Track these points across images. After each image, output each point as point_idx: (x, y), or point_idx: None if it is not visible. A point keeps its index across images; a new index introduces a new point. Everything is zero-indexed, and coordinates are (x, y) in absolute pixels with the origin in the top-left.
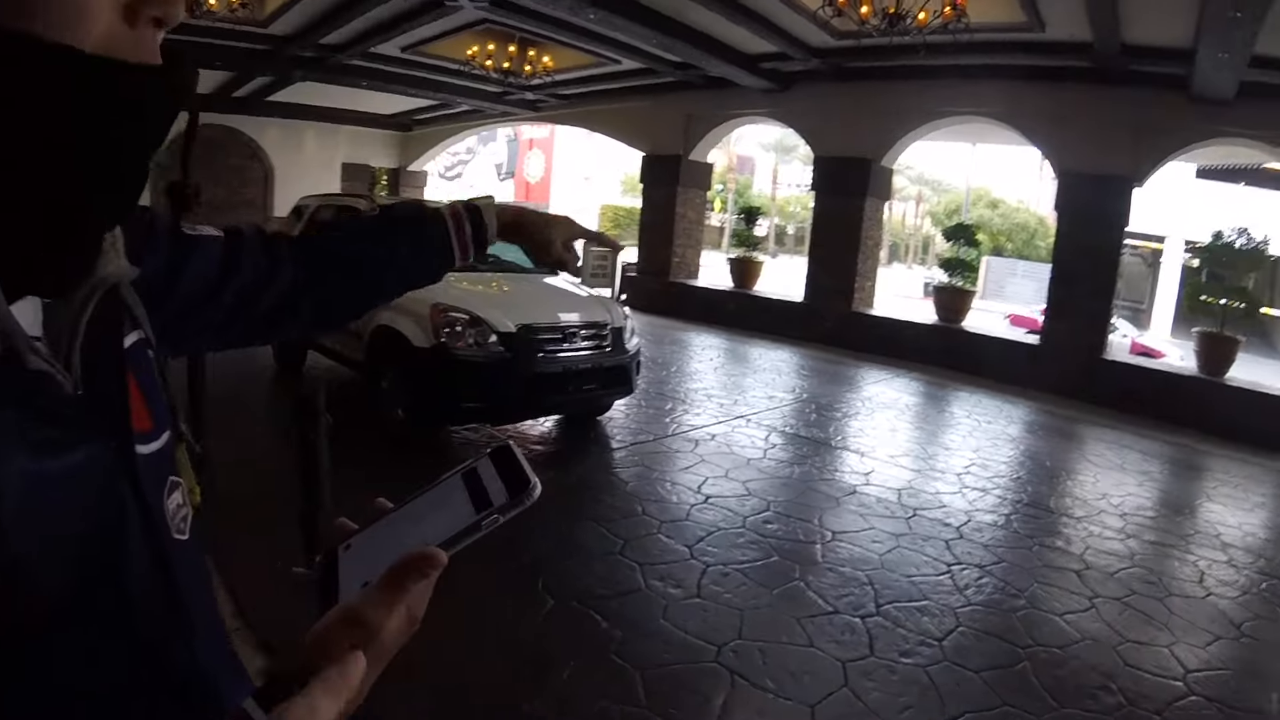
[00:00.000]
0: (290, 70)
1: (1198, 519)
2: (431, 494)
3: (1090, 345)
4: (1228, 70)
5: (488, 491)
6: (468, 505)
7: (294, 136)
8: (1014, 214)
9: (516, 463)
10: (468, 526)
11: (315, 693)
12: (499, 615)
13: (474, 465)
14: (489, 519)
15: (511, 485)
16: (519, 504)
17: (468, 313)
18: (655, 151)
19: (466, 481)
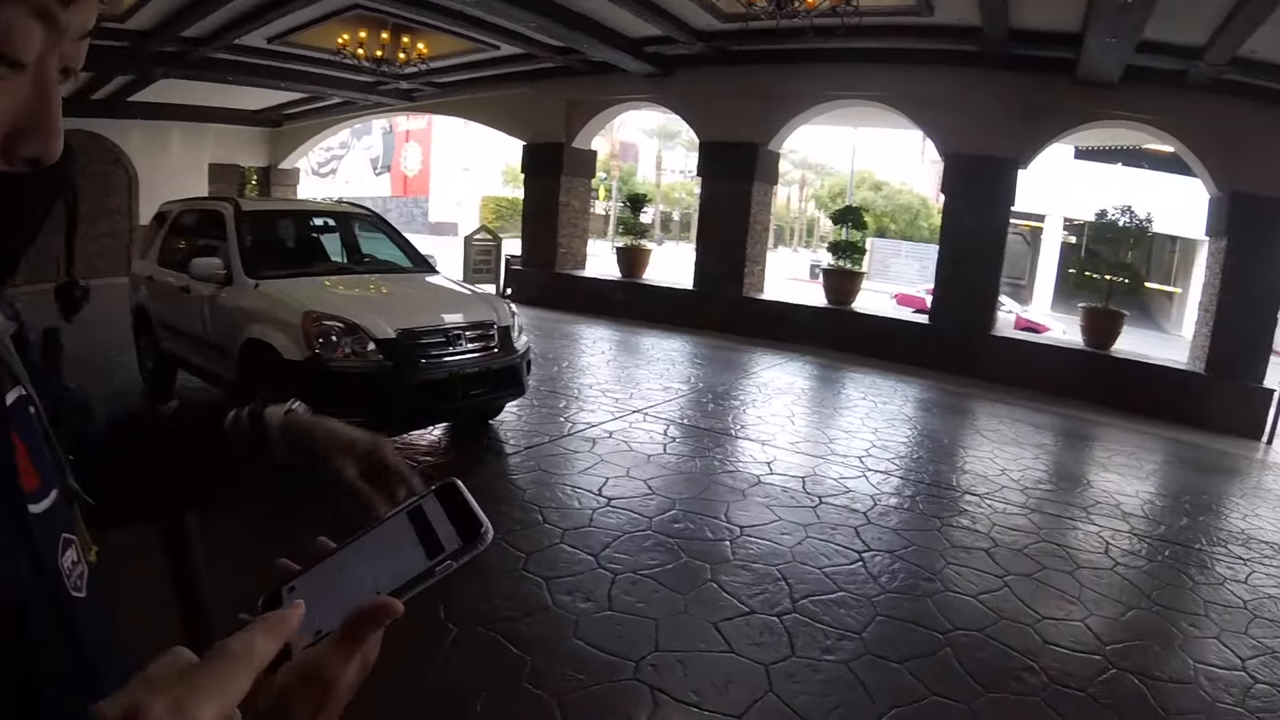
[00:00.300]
0: (151, 68)
1: (1096, 489)
2: (377, 533)
3: (979, 322)
4: (1115, 54)
5: (437, 534)
6: (418, 549)
7: (159, 139)
8: (897, 196)
9: (464, 502)
10: (421, 573)
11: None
12: (399, 650)
13: (419, 503)
14: (442, 565)
15: (462, 527)
16: (471, 549)
17: (343, 320)
18: (536, 140)
19: (413, 521)
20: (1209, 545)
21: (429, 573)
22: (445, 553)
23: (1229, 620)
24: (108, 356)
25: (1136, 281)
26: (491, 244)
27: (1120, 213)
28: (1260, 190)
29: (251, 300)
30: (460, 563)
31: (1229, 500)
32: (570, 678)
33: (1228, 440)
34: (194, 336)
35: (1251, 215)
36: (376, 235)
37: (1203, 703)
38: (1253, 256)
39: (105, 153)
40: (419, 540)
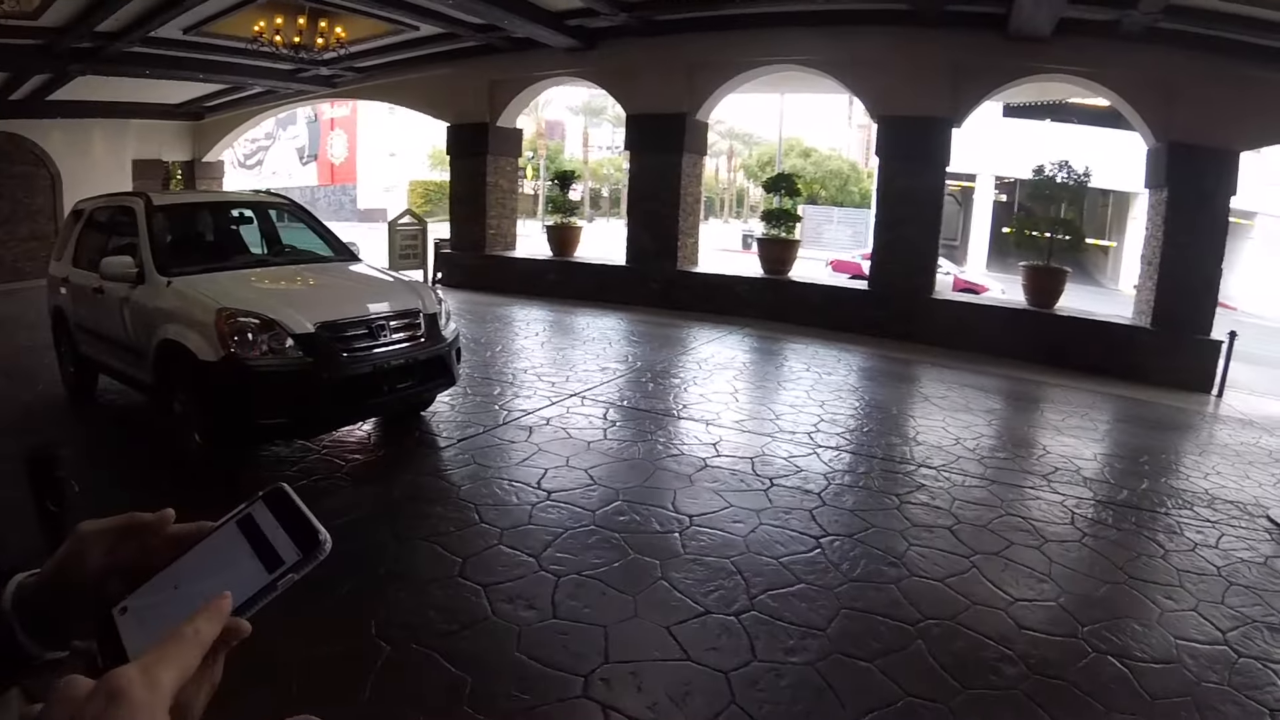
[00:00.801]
0: (67, 65)
1: (1054, 455)
2: (208, 546)
3: (919, 286)
4: (1047, 7)
5: (273, 546)
6: (255, 563)
7: (80, 137)
8: (826, 162)
9: (296, 508)
10: (263, 588)
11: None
12: (321, 674)
13: (248, 511)
14: (284, 578)
15: (298, 537)
16: (312, 559)
17: (258, 316)
18: (461, 120)
19: (244, 530)
20: (1175, 509)
21: (270, 587)
22: (285, 565)
23: (1205, 589)
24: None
25: (1077, 237)
26: (418, 229)
27: (1058, 168)
28: (1199, 140)
29: (164, 299)
30: (301, 574)
31: (1187, 459)
32: (514, 698)
33: (1177, 395)
34: (111, 339)
35: (1191, 166)
36: (296, 225)
37: (1187, 683)
38: (1194, 207)
39: (26, 154)
40: (254, 552)
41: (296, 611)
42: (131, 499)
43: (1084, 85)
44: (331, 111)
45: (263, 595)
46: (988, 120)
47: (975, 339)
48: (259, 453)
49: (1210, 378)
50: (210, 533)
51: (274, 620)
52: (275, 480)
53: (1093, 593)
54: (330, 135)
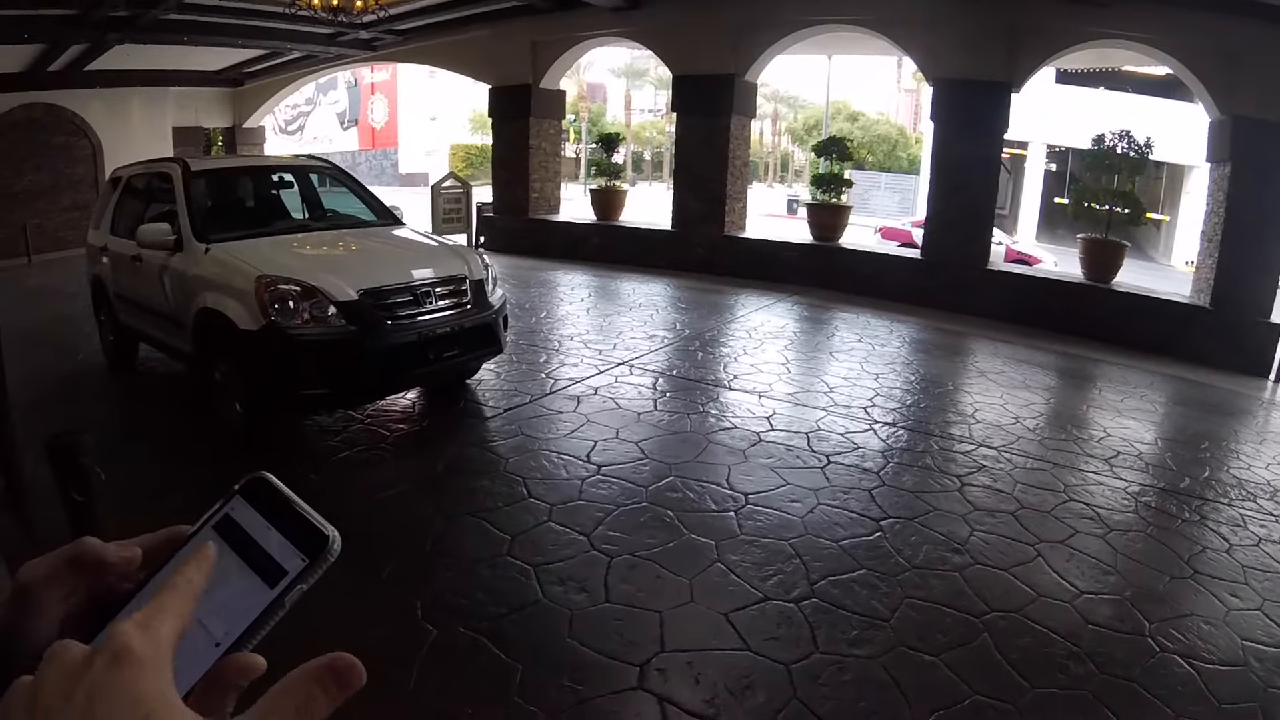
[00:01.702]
0: (104, 34)
1: (1114, 438)
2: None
3: (973, 256)
4: None
5: (267, 552)
6: (248, 576)
7: (120, 106)
8: (873, 126)
9: (285, 502)
10: (267, 608)
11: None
12: (365, 660)
13: (224, 510)
14: (291, 593)
15: (296, 537)
16: (320, 565)
17: (299, 283)
18: (502, 82)
19: (226, 535)
20: (1239, 500)
21: (276, 605)
22: (289, 575)
23: (1270, 588)
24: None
25: (1137, 211)
26: (461, 192)
27: (1118, 138)
28: (1266, 114)
29: (203, 266)
30: (311, 584)
31: (1248, 447)
32: (566, 689)
33: (1235, 379)
34: (150, 308)
35: (1256, 140)
36: (338, 189)
37: (1254, 689)
38: (1259, 184)
39: (66, 124)
40: (244, 562)
41: (338, 592)
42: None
43: (1145, 52)
44: (371, 76)
45: (268, 617)
46: (1040, 87)
47: (1029, 313)
48: (301, 423)
49: (1269, 362)
50: (184, 543)
51: (315, 601)
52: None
53: (1158, 587)
54: (371, 100)
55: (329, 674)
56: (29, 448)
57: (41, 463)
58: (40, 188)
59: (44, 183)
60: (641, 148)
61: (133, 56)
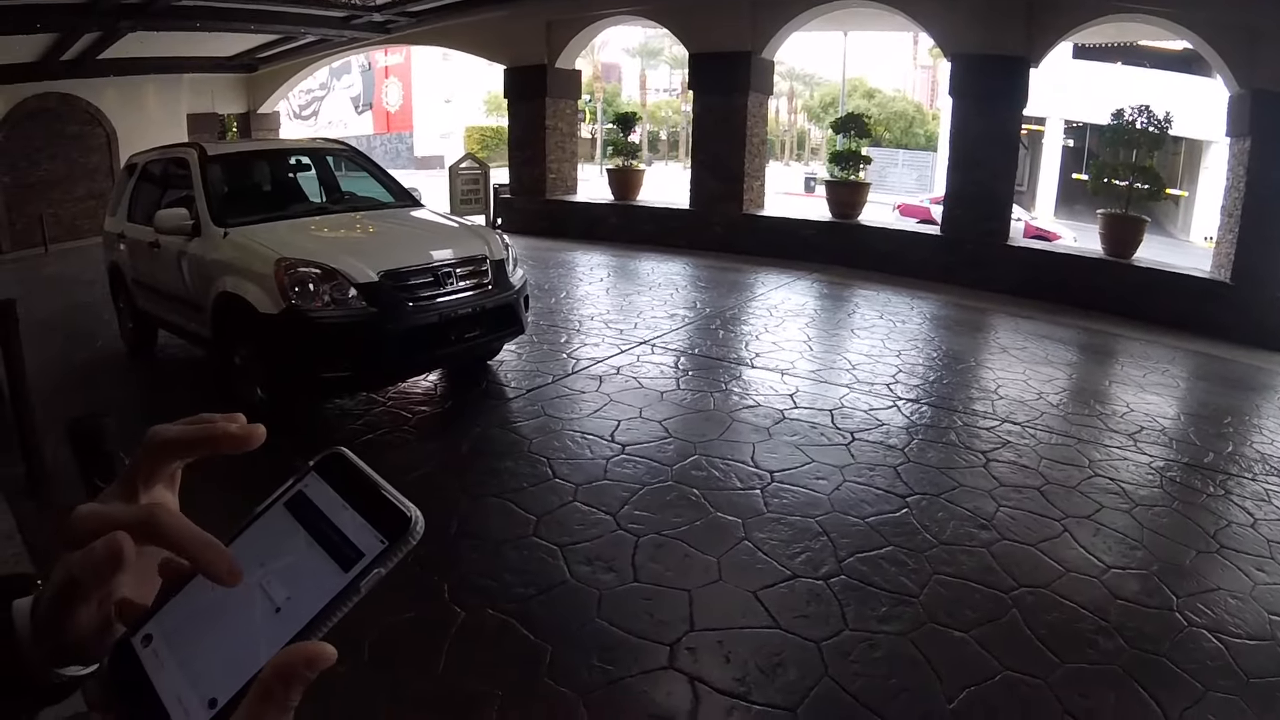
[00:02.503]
0: (116, 22)
1: (1137, 412)
2: (249, 541)
3: (992, 232)
4: None
5: (343, 532)
6: (321, 558)
7: (134, 94)
8: (890, 103)
9: (364, 479)
10: (340, 593)
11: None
12: (394, 642)
13: (298, 487)
14: (368, 578)
15: (375, 517)
16: (400, 548)
17: (320, 265)
18: (518, 63)
19: (297, 513)
20: (1263, 475)
21: (350, 590)
22: (366, 558)
23: None
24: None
25: (1157, 186)
26: (479, 172)
27: (1137, 113)
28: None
29: (221, 251)
30: (389, 569)
31: (1271, 422)
32: (596, 669)
33: (1256, 354)
34: (168, 294)
35: (1277, 114)
36: (355, 171)
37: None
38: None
39: (80, 113)
40: (316, 542)
41: None
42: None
43: (1164, 26)
44: (385, 59)
45: (341, 604)
46: (1058, 62)
47: (1051, 288)
48: (323, 407)
49: None
50: (251, 522)
51: None
52: (336, 439)
53: (1184, 561)
54: (385, 83)
55: (302, 663)
56: (49, 434)
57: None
58: (56, 177)
59: (59, 172)
60: (657, 127)
61: (146, 44)
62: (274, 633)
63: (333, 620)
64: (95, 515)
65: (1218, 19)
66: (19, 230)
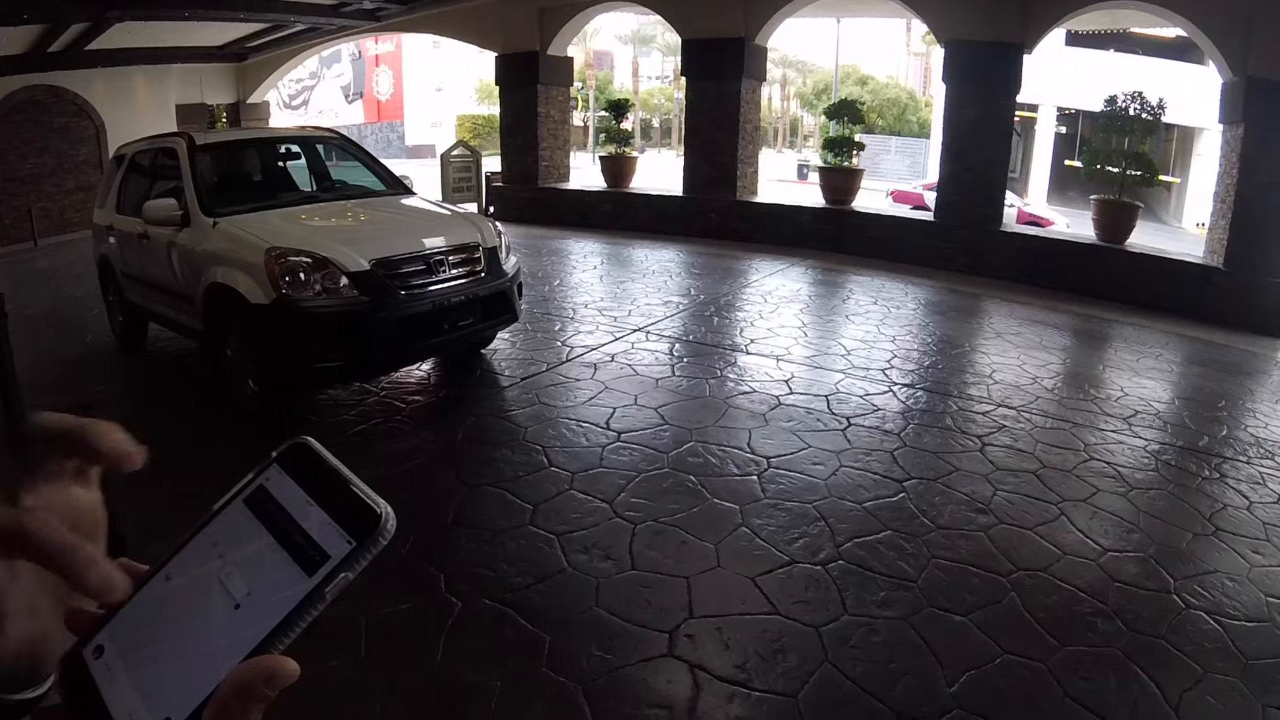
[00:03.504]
0: (104, 11)
1: (1132, 397)
2: (205, 540)
3: (986, 218)
4: None
5: (307, 532)
6: (283, 561)
7: (122, 85)
8: (883, 90)
9: (331, 472)
10: (303, 601)
11: None
12: (390, 634)
13: (259, 481)
14: (334, 583)
15: (342, 515)
16: (369, 549)
17: (310, 254)
18: (510, 50)
19: (258, 511)
20: (1257, 458)
21: (314, 597)
22: (332, 561)
23: None
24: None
25: (1150, 172)
26: (470, 160)
27: (1130, 100)
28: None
29: (211, 241)
30: (358, 572)
31: (1265, 406)
32: (596, 658)
33: (1249, 338)
34: (158, 285)
35: (1270, 101)
36: (345, 159)
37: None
38: (1272, 145)
39: (68, 105)
40: (279, 544)
41: None
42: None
43: (1157, 13)
44: (376, 48)
45: (304, 612)
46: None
47: (1044, 274)
48: (316, 398)
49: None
50: (209, 520)
51: None
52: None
53: (1181, 544)
54: (375, 72)
55: (262, 679)
56: None
57: None
58: (44, 170)
59: (48, 165)
60: (650, 115)
61: (134, 34)
62: (233, 636)
63: (296, 630)
64: None
65: (1211, 5)
66: (8, 225)
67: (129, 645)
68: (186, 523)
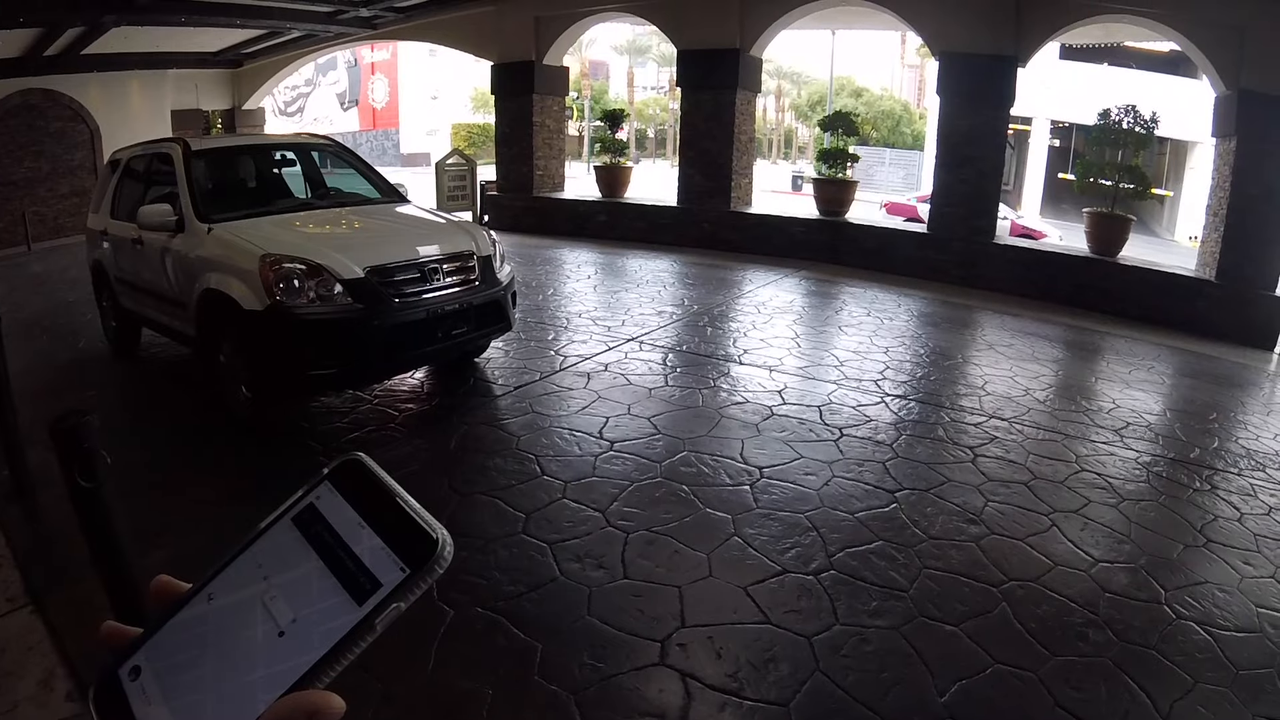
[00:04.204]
0: (100, 16)
1: (1123, 409)
2: (249, 561)
3: (979, 231)
4: None
5: (357, 556)
6: (330, 583)
7: (118, 90)
8: (878, 102)
9: (384, 492)
10: (352, 631)
11: None
12: (381, 643)
13: (310, 500)
14: (385, 614)
15: (394, 536)
16: (425, 577)
17: (304, 261)
18: (505, 59)
19: (306, 531)
20: (1248, 470)
21: (364, 628)
22: (383, 589)
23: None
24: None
25: (1143, 185)
26: (465, 169)
27: (1124, 113)
28: (1271, 89)
29: (205, 247)
30: (410, 602)
31: (1256, 418)
32: (588, 667)
33: (1241, 351)
34: (152, 291)
35: (1262, 115)
36: (340, 166)
37: (1270, 654)
38: (1265, 158)
39: (63, 109)
40: (329, 568)
41: None
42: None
43: (1150, 27)
44: (372, 55)
45: (351, 644)
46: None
47: (1037, 286)
48: (309, 405)
49: (1275, 334)
50: (255, 539)
51: None
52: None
53: (1172, 555)
54: (371, 80)
55: (304, 716)
56: (33, 437)
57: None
58: (39, 175)
59: (43, 170)
60: (645, 125)
61: (130, 39)
62: (275, 665)
63: (341, 664)
64: None
65: (1204, 19)
66: (1, 229)
67: (166, 668)
68: (183, 528)
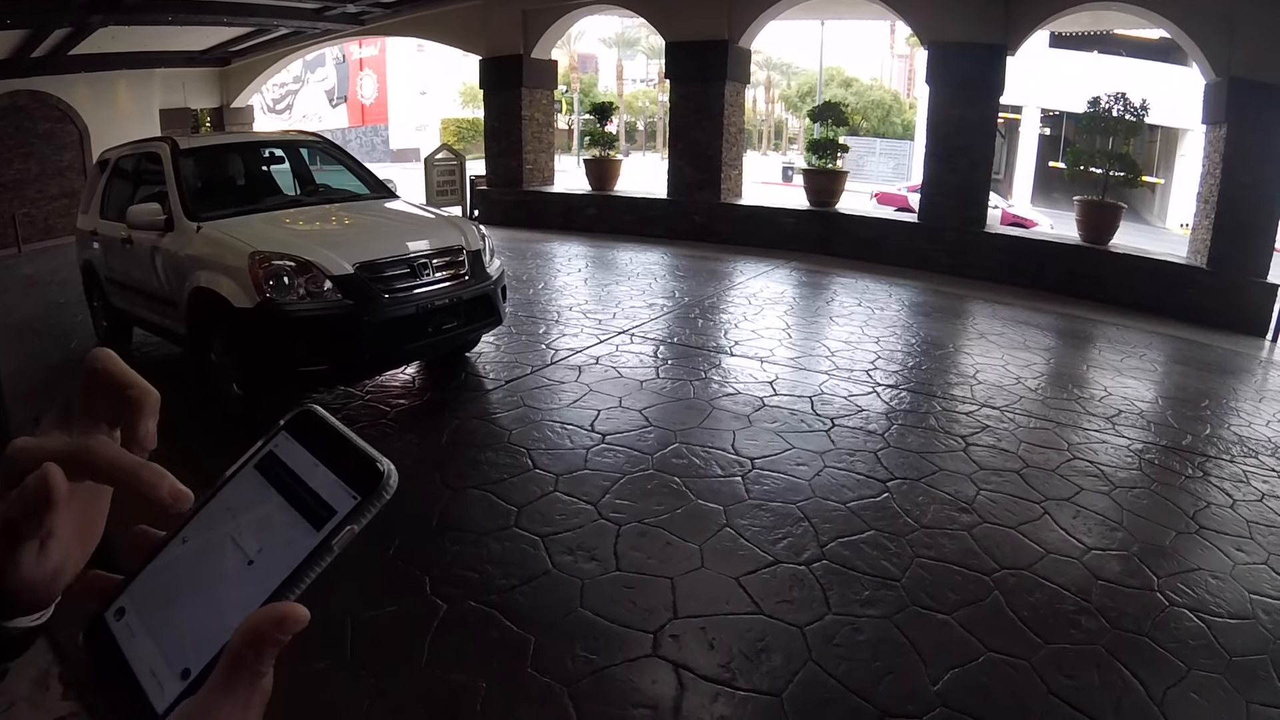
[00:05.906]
0: (87, 16)
1: (1115, 396)
2: (219, 505)
3: (970, 220)
4: None
5: (314, 490)
6: (293, 518)
7: (106, 90)
8: (868, 92)
9: (336, 435)
10: (313, 552)
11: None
12: (375, 636)
13: (269, 447)
14: (340, 535)
15: (347, 473)
16: (373, 503)
17: (294, 258)
18: (494, 53)
19: (269, 475)
20: (1240, 456)
21: (323, 549)
22: (338, 515)
23: (1274, 543)
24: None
25: (1133, 173)
26: (454, 163)
27: (1114, 101)
28: (1261, 76)
29: (195, 245)
30: (363, 525)
31: (1248, 405)
32: (581, 659)
33: (1232, 338)
34: (142, 290)
35: (1252, 102)
36: (329, 162)
37: (1263, 640)
38: (1255, 145)
39: (51, 110)
40: (289, 503)
41: (345, 569)
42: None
43: (1140, 14)
44: (360, 52)
45: (313, 563)
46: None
47: (1027, 275)
48: (300, 401)
49: (1266, 321)
50: (222, 486)
51: (324, 577)
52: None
53: (1164, 542)
54: (359, 76)
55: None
56: None
57: None
58: (28, 176)
59: (32, 171)
60: (634, 117)
61: (117, 39)
62: (246, 590)
63: (306, 580)
64: (27, 449)
65: (1194, 6)
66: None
67: (148, 605)
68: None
